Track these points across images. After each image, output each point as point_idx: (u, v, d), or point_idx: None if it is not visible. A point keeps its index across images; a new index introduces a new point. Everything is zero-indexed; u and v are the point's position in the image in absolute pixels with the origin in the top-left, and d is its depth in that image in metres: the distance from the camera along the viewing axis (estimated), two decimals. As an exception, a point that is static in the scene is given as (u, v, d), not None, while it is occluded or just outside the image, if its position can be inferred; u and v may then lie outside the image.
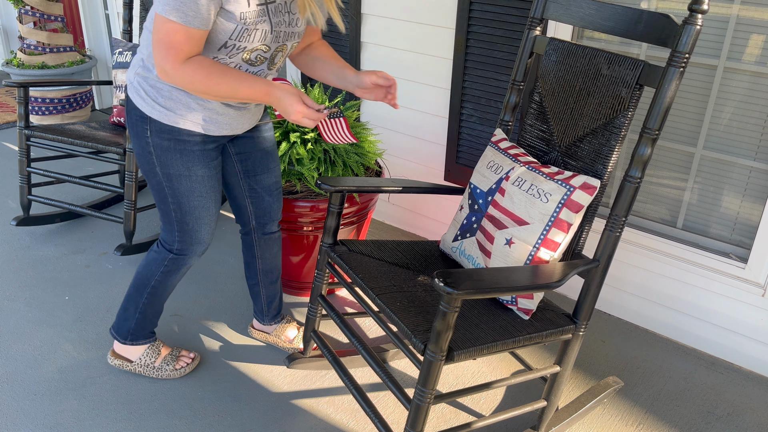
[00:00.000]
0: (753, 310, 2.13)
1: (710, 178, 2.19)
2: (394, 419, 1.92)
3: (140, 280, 1.90)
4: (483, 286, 1.34)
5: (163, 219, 1.80)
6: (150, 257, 1.88)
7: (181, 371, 2.05)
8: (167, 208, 1.77)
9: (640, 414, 1.98)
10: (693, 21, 1.46)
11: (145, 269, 1.89)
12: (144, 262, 1.90)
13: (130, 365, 2.03)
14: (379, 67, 2.85)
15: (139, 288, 1.91)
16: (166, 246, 1.85)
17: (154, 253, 1.88)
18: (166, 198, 1.74)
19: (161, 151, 1.66)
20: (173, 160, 1.68)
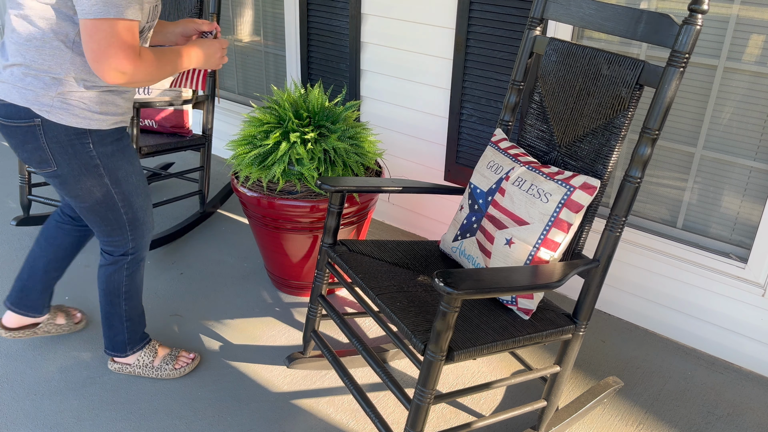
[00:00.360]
0: (753, 310, 2.13)
1: (710, 178, 2.19)
2: (394, 419, 1.92)
3: (110, 294, 1.89)
4: (483, 286, 1.34)
5: (109, 230, 1.76)
6: (107, 271, 1.86)
7: (180, 371, 2.05)
8: (116, 215, 1.74)
9: (640, 414, 1.98)
10: (693, 21, 1.46)
11: (109, 283, 1.87)
12: (104, 278, 1.87)
13: (129, 368, 2.03)
14: (379, 66, 2.85)
15: (113, 302, 1.90)
16: (118, 252, 1.83)
17: (109, 265, 1.85)
18: (114, 205, 1.72)
19: (107, 159, 1.64)
20: (119, 162, 1.67)
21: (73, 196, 1.67)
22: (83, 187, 1.65)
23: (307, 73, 3.16)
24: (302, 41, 3.10)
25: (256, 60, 3.61)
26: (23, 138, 1.56)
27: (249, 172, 2.24)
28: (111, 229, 1.77)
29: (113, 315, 1.92)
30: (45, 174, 1.64)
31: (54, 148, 1.57)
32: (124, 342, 1.98)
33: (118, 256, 1.84)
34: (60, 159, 1.59)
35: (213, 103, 2.90)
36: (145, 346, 2.03)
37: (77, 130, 1.57)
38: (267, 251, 2.44)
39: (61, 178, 1.63)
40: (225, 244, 2.88)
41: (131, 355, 2.01)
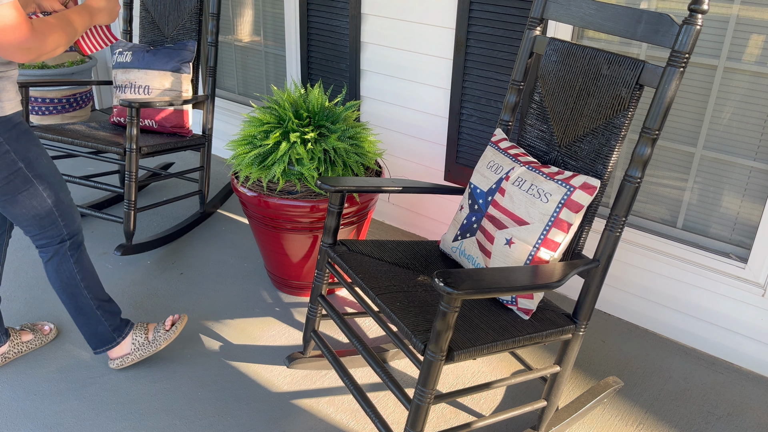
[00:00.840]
0: (753, 310, 2.13)
1: (710, 178, 2.19)
2: (394, 419, 1.92)
3: (68, 287, 1.86)
4: (483, 286, 1.34)
5: (38, 219, 1.73)
6: (53, 265, 1.83)
7: (174, 329, 2.07)
8: (41, 202, 1.71)
9: (640, 414, 1.98)
10: (693, 21, 1.46)
11: (61, 277, 1.84)
12: (54, 275, 1.84)
13: (130, 356, 2.04)
14: (379, 66, 2.85)
15: (75, 293, 1.87)
16: (55, 242, 1.80)
17: (52, 258, 1.82)
18: (36, 192, 1.69)
19: (15, 143, 1.63)
20: (27, 144, 1.65)
21: (2, 183, 1.64)
22: (3, 175, 1.62)
23: (307, 73, 3.16)
24: (302, 41, 3.10)
25: (256, 60, 3.61)
26: None
27: (249, 172, 2.24)
28: (40, 218, 1.74)
29: (82, 308, 1.90)
30: None
31: None
32: (108, 330, 1.96)
33: (56, 245, 1.80)
34: None
35: (213, 103, 2.90)
36: (131, 329, 2.03)
37: None
38: (267, 251, 2.44)
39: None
40: (225, 244, 2.88)
41: (124, 342, 2.01)
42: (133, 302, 2.43)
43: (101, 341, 1.98)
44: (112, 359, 2.04)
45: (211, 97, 2.89)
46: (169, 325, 2.10)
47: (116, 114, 2.91)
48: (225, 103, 3.69)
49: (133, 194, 2.54)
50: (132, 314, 2.35)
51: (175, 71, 2.76)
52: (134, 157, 2.49)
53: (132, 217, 2.58)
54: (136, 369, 2.08)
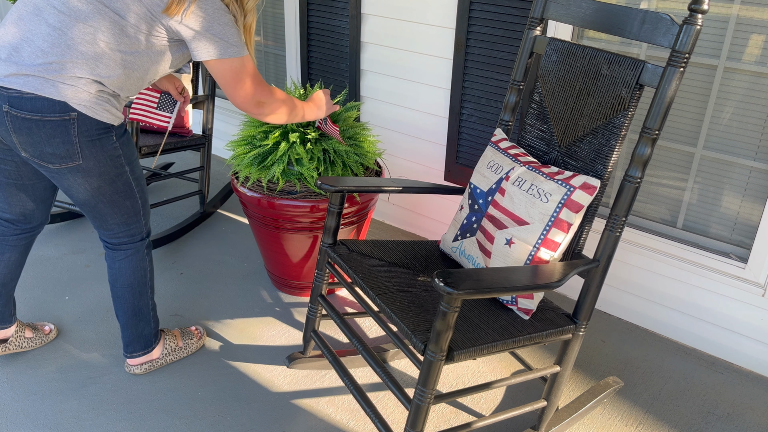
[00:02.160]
0: (753, 310, 2.13)
1: (710, 178, 2.19)
2: (394, 419, 1.92)
3: (138, 286, 1.92)
4: (483, 286, 1.34)
5: (126, 218, 1.82)
6: (131, 263, 1.89)
7: (201, 341, 2.19)
8: (133, 202, 1.81)
9: (640, 414, 1.98)
10: (693, 21, 1.46)
11: (136, 274, 1.90)
12: (128, 272, 1.89)
13: (160, 360, 2.06)
14: (379, 66, 2.85)
15: (141, 293, 1.93)
16: (137, 239, 1.88)
17: (131, 256, 1.89)
18: (131, 193, 1.79)
19: (125, 148, 1.73)
20: (131, 150, 1.77)
21: (95, 189, 1.71)
22: (106, 178, 1.71)
23: (307, 73, 3.16)
24: (302, 41, 3.10)
25: (257, 60, 3.61)
26: (51, 132, 1.59)
27: (249, 172, 2.24)
28: (128, 217, 1.82)
29: (142, 307, 1.95)
30: (65, 169, 1.66)
31: (83, 142, 1.63)
32: (151, 334, 2.01)
33: (137, 242, 1.89)
34: (87, 152, 1.64)
35: (213, 103, 2.90)
36: (162, 335, 2.08)
37: (105, 125, 1.65)
38: (267, 251, 2.44)
39: (85, 172, 1.67)
40: (225, 244, 2.88)
41: (156, 349, 2.05)
42: (133, 302, 2.43)
43: (142, 344, 2.01)
44: (135, 365, 2.03)
45: (211, 97, 2.89)
46: (198, 335, 2.18)
47: (116, 114, 2.91)
48: (225, 103, 3.69)
49: (133, 194, 2.54)
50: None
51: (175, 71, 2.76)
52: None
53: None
54: (136, 369, 2.08)
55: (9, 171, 1.78)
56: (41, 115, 1.56)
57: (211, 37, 1.59)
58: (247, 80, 1.67)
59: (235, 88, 1.67)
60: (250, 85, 1.68)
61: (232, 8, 1.64)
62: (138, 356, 2.01)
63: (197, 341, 2.16)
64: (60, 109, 1.56)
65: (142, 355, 2.02)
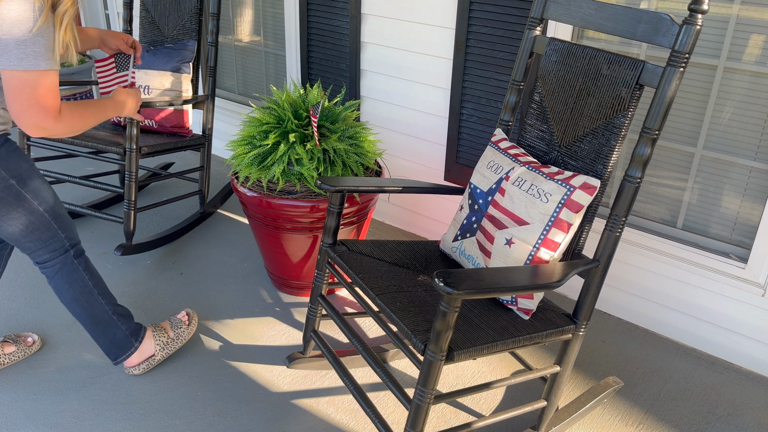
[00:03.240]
0: (753, 310, 2.13)
1: (710, 178, 2.19)
2: (394, 419, 1.92)
3: (82, 297, 1.85)
4: (483, 286, 1.34)
5: (38, 235, 1.74)
6: (63, 277, 1.82)
7: (192, 326, 2.18)
8: (37, 216, 1.71)
9: (640, 414, 1.98)
10: (693, 21, 1.46)
11: (73, 288, 1.84)
12: (65, 286, 1.83)
13: (156, 357, 2.05)
14: (379, 66, 2.85)
15: (90, 304, 1.86)
16: (59, 254, 1.80)
17: (60, 270, 1.81)
18: (30, 206, 1.69)
19: (4, 162, 1.63)
20: (16, 161, 1.66)
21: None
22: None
23: (307, 73, 3.16)
24: (302, 41, 3.10)
25: (256, 60, 3.61)
26: None
27: (249, 173, 2.24)
28: (40, 234, 1.74)
29: (99, 315, 1.88)
30: None
31: None
32: (125, 335, 1.95)
33: (61, 256, 1.81)
34: None
35: (213, 102, 2.90)
36: (146, 331, 2.04)
37: None
38: (267, 251, 2.44)
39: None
40: (225, 244, 2.88)
41: (143, 346, 2.01)
42: (133, 302, 2.43)
43: (120, 348, 1.96)
44: (133, 366, 2.02)
45: (211, 97, 2.89)
46: (186, 321, 2.16)
47: (116, 114, 2.91)
48: (225, 103, 3.69)
49: (133, 194, 2.54)
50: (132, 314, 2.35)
51: (175, 71, 2.76)
52: (134, 157, 2.49)
53: (132, 217, 2.58)
54: (136, 369, 2.08)
55: None
56: None
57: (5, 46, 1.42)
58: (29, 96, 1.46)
59: (13, 100, 1.47)
60: (31, 103, 1.47)
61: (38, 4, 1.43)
62: (122, 360, 1.98)
63: (187, 327, 2.14)
64: None
65: (127, 357, 1.98)
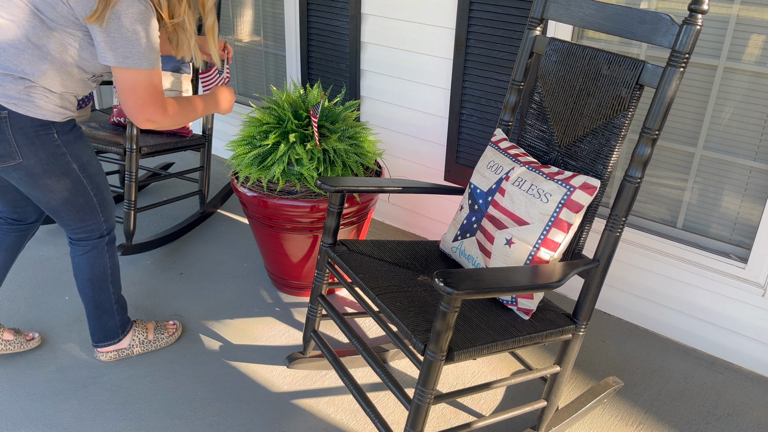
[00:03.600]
0: (753, 310, 2.13)
1: (710, 178, 2.19)
2: (394, 419, 1.92)
3: (97, 281, 1.94)
4: (483, 286, 1.34)
5: (82, 215, 1.83)
6: (89, 258, 1.91)
7: (174, 336, 2.20)
8: (87, 199, 1.81)
9: (640, 414, 1.98)
10: (693, 21, 1.46)
11: (94, 269, 1.93)
12: (87, 267, 1.92)
13: (126, 350, 2.10)
14: (379, 66, 2.85)
15: (101, 287, 1.95)
16: (95, 236, 1.89)
17: (89, 252, 1.90)
18: (84, 190, 1.78)
19: (71, 146, 1.72)
20: (81, 147, 1.75)
21: (42, 186, 1.71)
22: (52, 176, 1.70)
23: (307, 73, 3.16)
24: (302, 41, 3.10)
25: (256, 60, 3.61)
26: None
27: (249, 173, 2.24)
28: (84, 214, 1.83)
29: (103, 301, 1.97)
30: (8, 168, 1.66)
31: (20, 140, 1.62)
32: (116, 326, 2.04)
33: (96, 239, 1.90)
34: (26, 150, 1.64)
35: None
36: (131, 326, 2.11)
37: (42, 122, 1.63)
38: (267, 251, 2.44)
39: (27, 170, 1.67)
40: (225, 244, 2.88)
41: (123, 339, 2.08)
42: (133, 302, 2.43)
43: (107, 336, 2.04)
44: (102, 353, 2.08)
45: (211, 97, 2.89)
46: (171, 330, 2.20)
47: (116, 114, 2.91)
48: (225, 103, 3.69)
49: (133, 194, 2.54)
50: (132, 314, 2.35)
51: (175, 71, 2.76)
52: (134, 157, 2.49)
53: (132, 217, 2.58)
54: (136, 369, 2.08)
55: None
56: None
57: (116, 44, 1.54)
58: (142, 94, 1.61)
59: (128, 98, 1.61)
60: (144, 100, 1.62)
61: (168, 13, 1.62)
62: (104, 346, 2.06)
63: (168, 337, 2.18)
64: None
65: (109, 345, 2.06)
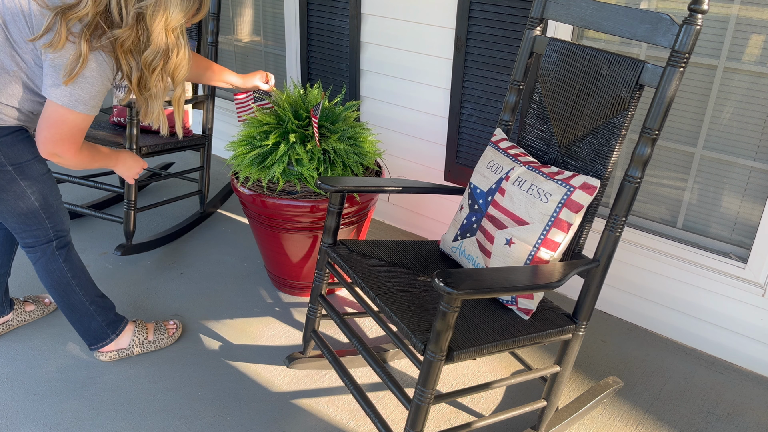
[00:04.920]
0: (753, 310, 2.13)
1: (710, 178, 2.19)
2: (394, 419, 1.92)
3: (59, 286, 1.92)
4: (483, 286, 1.34)
5: (24, 219, 1.81)
6: (42, 264, 1.89)
7: (174, 336, 2.20)
8: (30, 207, 1.79)
9: (640, 414, 1.98)
10: (693, 21, 1.46)
11: (51, 276, 1.90)
12: (44, 273, 1.90)
13: (126, 350, 2.09)
14: (379, 66, 2.85)
15: (67, 291, 1.93)
16: (41, 242, 1.86)
17: (40, 258, 1.89)
18: (25, 197, 1.76)
19: (8, 148, 1.70)
20: (18, 150, 1.72)
21: None
22: None
23: (307, 73, 3.16)
24: (302, 41, 3.10)
25: (256, 60, 3.61)
26: None
27: (249, 173, 2.24)
28: (26, 219, 1.81)
29: (75, 305, 1.96)
30: None
31: None
32: (101, 326, 2.03)
33: (42, 245, 1.87)
34: None
35: (213, 102, 2.90)
36: (126, 325, 2.09)
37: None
38: (267, 251, 2.44)
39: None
40: (225, 244, 2.88)
41: (122, 338, 2.07)
42: (133, 302, 2.43)
43: (95, 338, 2.03)
44: (102, 352, 2.08)
45: (211, 97, 2.89)
46: (171, 331, 2.20)
47: (116, 114, 2.91)
48: (225, 103, 3.69)
49: (133, 194, 2.54)
50: (132, 314, 2.35)
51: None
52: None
53: (132, 217, 2.58)
54: (136, 369, 2.08)
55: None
56: None
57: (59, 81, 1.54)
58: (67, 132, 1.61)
59: (49, 129, 1.60)
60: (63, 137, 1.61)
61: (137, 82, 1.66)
62: (97, 347, 2.06)
63: (168, 337, 2.18)
64: None
65: (102, 346, 2.05)
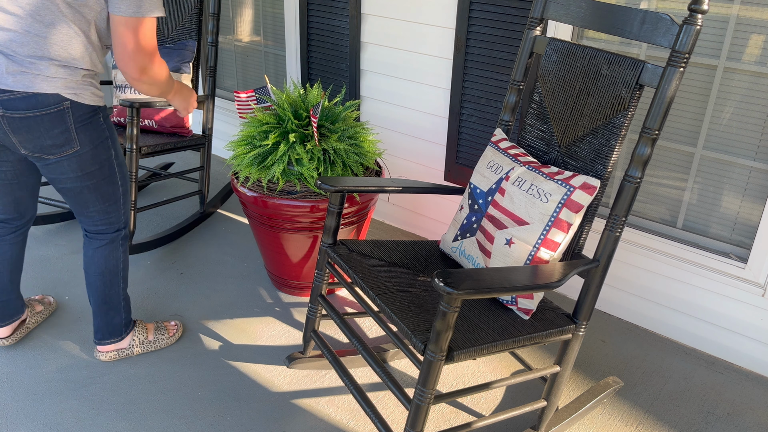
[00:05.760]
0: (753, 310, 2.13)
1: (710, 178, 2.19)
2: (394, 419, 1.92)
3: (108, 275, 1.95)
4: (483, 286, 1.34)
5: (107, 206, 1.85)
6: (104, 252, 1.93)
7: (174, 337, 2.20)
8: (114, 188, 1.84)
9: (640, 414, 1.98)
10: (693, 21, 1.46)
11: (108, 264, 1.94)
12: (101, 260, 1.93)
13: (127, 350, 2.10)
14: (379, 66, 2.85)
15: (112, 282, 1.97)
16: (113, 229, 1.91)
17: (106, 245, 1.92)
18: (114, 177, 1.82)
19: (110, 130, 1.78)
20: (114, 132, 1.81)
21: (85, 175, 1.75)
22: (97, 162, 1.75)
23: (307, 73, 3.16)
24: (302, 41, 3.10)
25: (256, 60, 3.61)
26: (50, 124, 1.64)
27: (249, 173, 2.24)
28: (108, 205, 1.85)
29: (112, 297, 1.98)
30: (63, 158, 1.70)
31: (79, 128, 1.68)
32: (121, 324, 2.05)
33: (113, 233, 1.92)
34: (83, 137, 1.70)
35: (213, 102, 2.90)
36: (133, 326, 2.12)
37: (93, 107, 1.70)
38: (267, 251, 2.44)
39: (81, 157, 1.72)
40: (225, 244, 2.88)
41: (125, 338, 2.09)
42: (133, 302, 2.43)
43: (111, 333, 2.05)
44: (103, 352, 2.08)
45: (211, 97, 2.89)
46: (171, 332, 2.20)
47: (116, 114, 2.91)
48: (225, 103, 3.69)
49: (133, 194, 2.54)
50: (132, 314, 2.35)
51: (175, 71, 2.76)
52: (134, 157, 2.49)
53: (132, 217, 2.58)
54: (136, 369, 2.08)
55: (5, 172, 1.81)
56: (38, 110, 1.61)
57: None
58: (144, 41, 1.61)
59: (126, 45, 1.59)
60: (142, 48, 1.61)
61: None
62: (106, 344, 2.06)
63: (169, 337, 2.18)
64: (54, 101, 1.61)
65: (112, 343, 2.07)
